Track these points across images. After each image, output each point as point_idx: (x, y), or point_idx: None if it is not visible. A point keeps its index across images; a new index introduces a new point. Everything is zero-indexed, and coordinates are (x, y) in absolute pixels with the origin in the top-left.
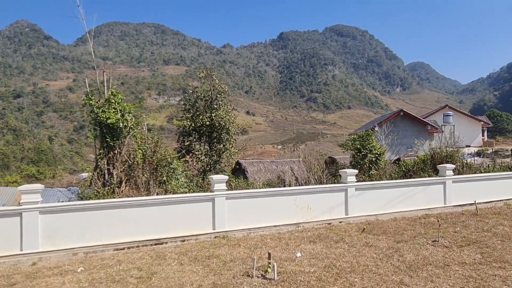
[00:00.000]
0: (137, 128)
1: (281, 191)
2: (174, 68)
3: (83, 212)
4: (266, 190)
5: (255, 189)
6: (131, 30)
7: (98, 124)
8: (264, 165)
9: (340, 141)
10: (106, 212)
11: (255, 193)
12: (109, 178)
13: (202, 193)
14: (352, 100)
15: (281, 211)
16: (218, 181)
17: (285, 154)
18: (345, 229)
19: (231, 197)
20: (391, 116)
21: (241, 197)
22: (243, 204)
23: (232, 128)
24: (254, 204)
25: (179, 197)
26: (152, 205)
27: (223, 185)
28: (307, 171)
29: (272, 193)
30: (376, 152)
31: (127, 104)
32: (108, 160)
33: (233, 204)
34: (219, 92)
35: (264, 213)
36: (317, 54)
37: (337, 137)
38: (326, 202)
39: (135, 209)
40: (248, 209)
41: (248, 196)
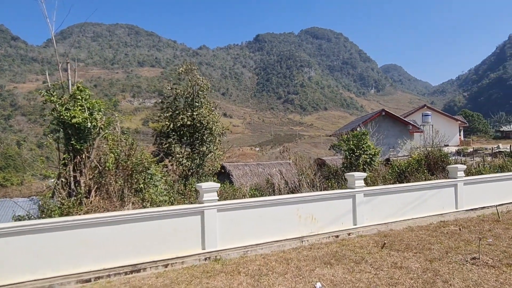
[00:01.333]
0: (108, 129)
1: (282, 199)
2: (149, 70)
3: (34, 236)
4: (264, 199)
5: (252, 198)
6: (104, 31)
7: (62, 124)
8: (250, 168)
9: (317, 142)
10: (66, 234)
11: (252, 203)
12: (75, 187)
13: (189, 205)
14: (328, 102)
15: (282, 223)
16: (208, 189)
17: (264, 156)
18: (360, 244)
19: (223, 209)
20: (373, 116)
21: (235, 207)
22: (238, 217)
23: (216, 128)
24: (250, 216)
25: (160, 211)
26: (126, 222)
27: (213, 195)
28: (299, 174)
29: (271, 202)
30: (371, 152)
31: (97, 100)
32: (74, 166)
33: (225, 217)
34: (201, 89)
35: (262, 227)
36: (293, 56)
37: (314, 139)
38: (332, 211)
39: (105, 228)
40: (244, 222)
41: (243, 207)
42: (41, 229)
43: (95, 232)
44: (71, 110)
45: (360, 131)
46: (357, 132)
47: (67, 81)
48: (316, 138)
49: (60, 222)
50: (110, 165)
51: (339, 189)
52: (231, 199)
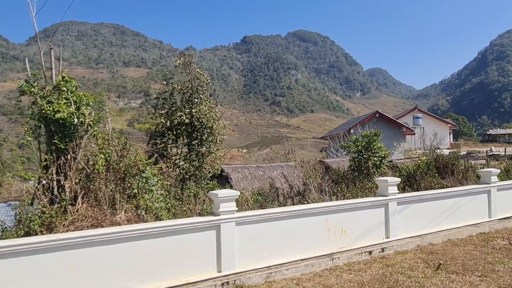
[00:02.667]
0: (98, 126)
1: (309, 210)
2: (134, 70)
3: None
4: (289, 210)
5: (274, 209)
6: (89, 30)
7: (43, 119)
8: (250, 170)
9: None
10: (46, 258)
11: (275, 215)
12: (59, 193)
13: (201, 217)
14: (315, 104)
15: (309, 237)
16: (226, 198)
17: (251, 158)
18: (408, 264)
19: (243, 221)
20: (366, 118)
21: (256, 220)
22: (259, 231)
23: (217, 127)
24: (273, 230)
25: (165, 226)
26: (123, 241)
27: (232, 205)
28: (306, 177)
29: (297, 213)
30: (380, 154)
31: (85, 93)
32: (57, 168)
33: (245, 231)
34: (200, 84)
35: (287, 243)
36: (280, 59)
37: (301, 141)
38: (362, 223)
39: (95, 249)
40: (266, 237)
41: (265, 219)
42: (13, 253)
43: (84, 255)
44: (54, 103)
45: (372, 131)
46: (367, 132)
47: (51, 71)
48: (303, 140)
49: (39, 243)
50: (100, 168)
51: (350, 194)
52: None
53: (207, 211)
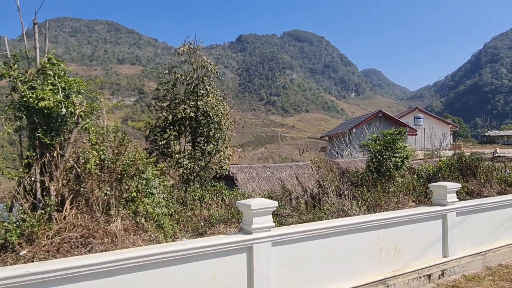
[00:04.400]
0: (90, 118)
1: (359, 224)
2: (129, 67)
3: None
4: (336, 224)
5: (319, 223)
6: (83, 27)
7: (25, 108)
8: (257, 171)
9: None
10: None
11: (323, 230)
12: (43, 196)
13: (229, 236)
14: (310, 104)
15: (358, 258)
16: (260, 210)
17: (245, 157)
18: None
19: (281, 240)
20: (369, 117)
21: (297, 238)
22: (301, 252)
23: (225, 122)
24: (317, 250)
25: (182, 250)
26: (121, 272)
27: (268, 220)
28: (322, 179)
29: (345, 228)
30: (402, 154)
31: (75, 79)
32: (42, 167)
33: (284, 254)
34: (207, 74)
35: (333, 266)
36: (276, 58)
37: (296, 140)
38: (418, 238)
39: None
40: (309, 260)
41: (309, 236)
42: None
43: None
44: (38, 89)
45: (396, 129)
46: (391, 130)
47: (34, 51)
48: (297, 140)
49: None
50: (92, 167)
51: (373, 199)
52: None
53: (215, 217)
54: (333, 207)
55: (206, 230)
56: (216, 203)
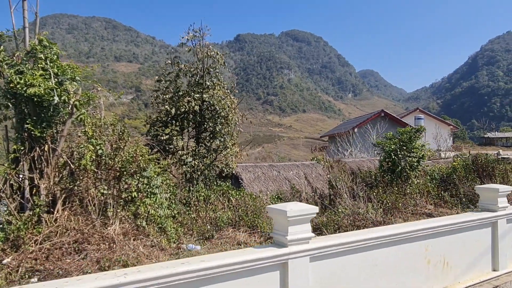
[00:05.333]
0: (86, 108)
1: (406, 234)
2: (126, 65)
3: None
4: (380, 235)
5: (362, 233)
6: (80, 24)
7: (12, 96)
8: (263, 170)
9: (297, 144)
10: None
11: (363, 243)
12: (32, 195)
13: (259, 250)
14: (307, 104)
15: (403, 273)
16: (299, 219)
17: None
18: None
19: (320, 254)
20: (371, 117)
21: (337, 252)
22: (340, 267)
23: (233, 116)
24: (358, 265)
25: (201, 270)
26: None
27: (306, 229)
28: (335, 180)
29: (390, 239)
30: (418, 154)
31: (69, 64)
32: (31, 162)
33: (322, 270)
34: (213, 65)
35: (376, 283)
36: (274, 58)
37: (294, 140)
38: (466, 250)
39: None
40: (348, 277)
41: (353, 249)
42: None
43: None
44: (26, 74)
45: (414, 127)
46: (407, 128)
47: (23, 31)
48: (295, 140)
49: None
50: (88, 163)
51: (389, 201)
52: None
53: (222, 220)
54: (348, 210)
55: (213, 234)
56: (222, 204)
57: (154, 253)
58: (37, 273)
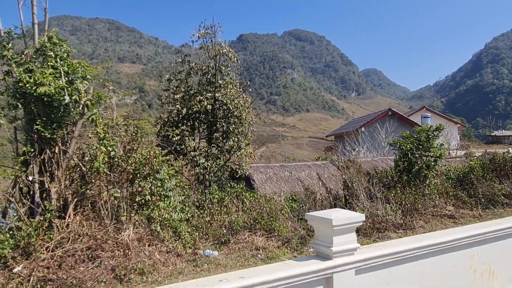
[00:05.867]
0: (98, 108)
1: (453, 242)
2: (129, 66)
3: None
4: (428, 244)
5: (406, 242)
6: (83, 25)
7: (21, 96)
8: (274, 170)
9: (301, 143)
10: None
11: (409, 252)
12: (42, 200)
13: (299, 263)
14: (311, 104)
15: (448, 285)
16: (345, 228)
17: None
18: None
19: (365, 267)
20: (378, 115)
21: (383, 263)
22: (385, 280)
23: (247, 116)
24: (402, 276)
25: None
26: None
27: (352, 238)
28: (349, 181)
29: (437, 248)
30: (435, 153)
31: (81, 62)
32: (41, 165)
33: (367, 283)
34: (224, 63)
35: None
36: (277, 57)
37: (297, 140)
38: (509, 257)
39: None
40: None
41: (396, 260)
42: None
43: None
44: (36, 72)
45: (435, 125)
46: (424, 127)
47: (32, 28)
48: (299, 140)
49: None
50: (100, 165)
51: (407, 202)
52: None
53: (237, 223)
54: (366, 211)
55: (229, 239)
56: (236, 207)
57: (170, 259)
58: (50, 282)
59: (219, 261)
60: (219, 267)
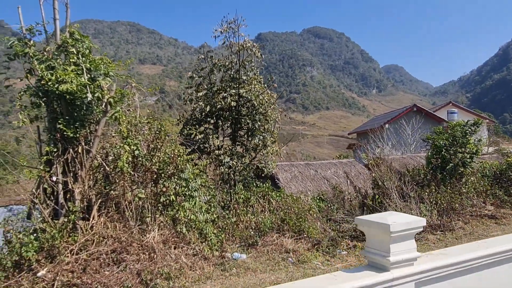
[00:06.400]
0: (121, 105)
1: None
2: (150, 67)
3: None
4: (494, 252)
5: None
6: (105, 28)
7: (43, 94)
8: (299, 169)
9: (321, 142)
10: None
11: (475, 262)
12: (66, 201)
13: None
14: (330, 101)
15: None
16: (404, 234)
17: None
18: None
19: (425, 280)
20: (403, 112)
21: (445, 275)
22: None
23: (272, 112)
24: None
25: None
26: None
27: (411, 246)
28: (380, 179)
29: (504, 256)
30: (471, 149)
31: (102, 58)
32: (64, 165)
33: None
34: (247, 59)
35: None
36: (295, 55)
37: (317, 138)
38: None
39: None
40: None
41: (458, 271)
42: None
43: None
44: (58, 70)
45: (472, 120)
46: (459, 122)
47: (54, 23)
48: (319, 138)
49: None
50: (124, 165)
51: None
52: None
53: (265, 224)
54: (398, 211)
55: (257, 241)
56: (262, 207)
57: (197, 263)
58: (74, 287)
59: (248, 265)
60: (248, 272)
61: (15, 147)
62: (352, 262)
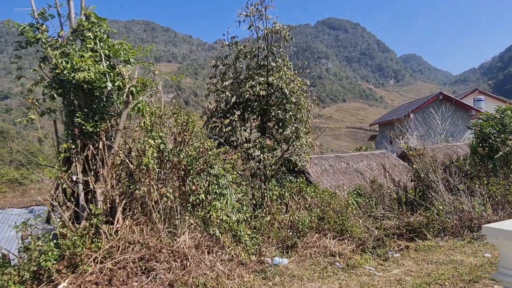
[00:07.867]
0: (144, 95)
1: None
2: (165, 65)
3: None
4: None
5: None
6: (121, 28)
7: (59, 84)
8: (329, 162)
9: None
10: None
11: None
12: (87, 203)
13: None
14: (347, 93)
15: None
16: None
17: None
18: None
19: None
20: (429, 100)
21: None
22: None
23: (305, 101)
24: None
25: None
26: None
27: None
28: (423, 171)
29: None
30: None
31: (122, 42)
32: (84, 163)
33: None
34: (275, 44)
35: None
36: (310, 48)
37: (335, 131)
38: None
39: None
40: None
41: None
42: None
43: None
44: (74, 56)
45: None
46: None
47: (68, 5)
48: (336, 130)
49: None
50: (149, 161)
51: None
52: None
53: (303, 223)
54: (448, 206)
55: (296, 242)
56: (297, 204)
57: (235, 270)
58: None
59: (292, 272)
60: (294, 280)
61: (38, 147)
62: (409, 266)
